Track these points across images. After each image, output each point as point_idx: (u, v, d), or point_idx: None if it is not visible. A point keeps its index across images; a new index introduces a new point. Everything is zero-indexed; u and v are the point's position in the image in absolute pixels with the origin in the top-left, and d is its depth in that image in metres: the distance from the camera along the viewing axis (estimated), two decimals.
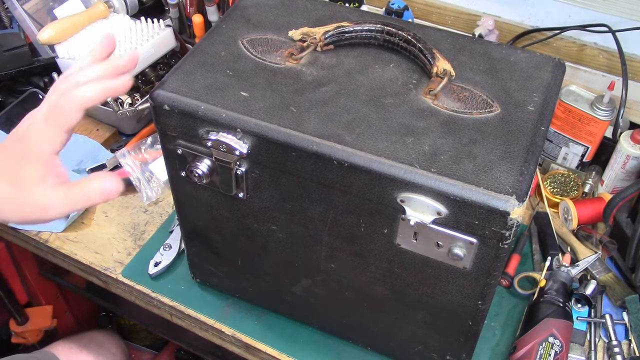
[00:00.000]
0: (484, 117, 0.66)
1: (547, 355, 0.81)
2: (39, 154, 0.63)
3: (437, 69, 0.68)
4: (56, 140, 0.63)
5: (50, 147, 0.63)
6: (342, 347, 0.87)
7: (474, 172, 0.59)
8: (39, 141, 0.63)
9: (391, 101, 0.67)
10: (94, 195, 0.63)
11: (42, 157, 0.63)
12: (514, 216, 0.57)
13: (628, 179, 1.01)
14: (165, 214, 1.05)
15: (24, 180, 0.62)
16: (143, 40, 1.16)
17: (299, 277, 0.80)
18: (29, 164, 0.62)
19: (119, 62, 0.65)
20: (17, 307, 1.30)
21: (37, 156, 0.63)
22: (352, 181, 0.63)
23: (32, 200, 0.63)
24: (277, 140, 0.63)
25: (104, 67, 0.64)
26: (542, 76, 0.71)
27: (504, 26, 1.18)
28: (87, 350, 1.20)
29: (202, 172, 0.70)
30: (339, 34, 0.72)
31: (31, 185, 0.62)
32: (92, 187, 0.63)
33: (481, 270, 0.65)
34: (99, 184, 0.63)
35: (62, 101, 0.62)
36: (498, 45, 0.75)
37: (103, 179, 0.63)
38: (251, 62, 0.71)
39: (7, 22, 1.21)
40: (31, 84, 1.21)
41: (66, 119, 0.62)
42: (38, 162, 0.63)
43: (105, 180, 0.63)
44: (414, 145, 0.62)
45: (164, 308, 0.95)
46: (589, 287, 0.91)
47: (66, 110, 0.62)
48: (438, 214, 0.61)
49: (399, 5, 1.16)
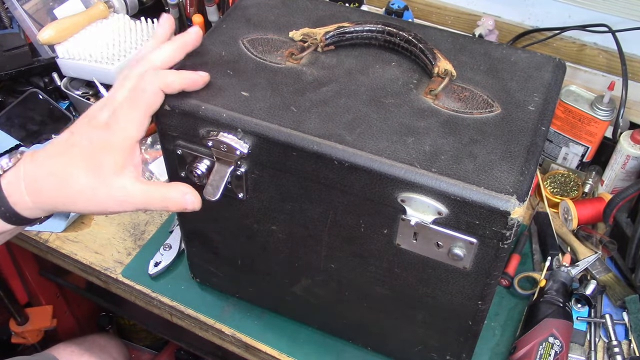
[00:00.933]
0: (485, 117, 0.66)
1: (547, 355, 0.81)
2: (125, 140, 0.61)
3: (438, 69, 0.68)
4: (142, 125, 0.62)
5: (137, 132, 0.62)
6: (342, 347, 0.87)
7: (475, 172, 0.59)
8: (126, 127, 0.61)
9: (392, 101, 0.67)
10: (172, 204, 0.63)
11: (127, 145, 0.61)
12: (515, 216, 0.57)
13: (628, 179, 1.01)
14: (165, 214, 1.05)
15: (104, 170, 0.61)
16: (143, 41, 1.16)
17: (299, 277, 0.80)
18: (112, 152, 0.61)
19: (186, 38, 0.65)
20: (17, 307, 1.30)
21: (122, 143, 0.61)
22: (353, 181, 0.63)
23: (112, 191, 0.61)
24: (277, 140, 0.63)
25: (174, 46, 0.64)
26: (543, 76, 0.71)
27: (504, 26, 1.18)
28: (88, 353, 1.20)
29: (202, 172, 0.70)
30: (339, 35, 0.72)
31: (112, 174, 0.61)
32: (174, 194, 0.63)
33: (481, 270, 0.65)
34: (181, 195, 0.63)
35: (143, 84, 0.61)
36: (498, 45, 0.75)
37: (188, 192, 0.64)
38: (252, 62, 0.71)
39: (7, 22, 1.21)
40: (31, 84, 1.21)
41: (150, 102, 0.62)
42: (122, 149, 0.61)
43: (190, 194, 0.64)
44: (414, 145, 0.62)
45: (164, 308, 0.95)
46: (589, 287, 0.91)
47: (149, 94, 0.61)
48: (438, 214, 0.61)
49: (399, 5, 1.16)
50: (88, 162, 0.61)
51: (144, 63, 0.63)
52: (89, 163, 0.61)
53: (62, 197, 0.62)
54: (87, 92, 1.20)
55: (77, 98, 1.17)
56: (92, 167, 0.61)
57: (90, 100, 1.17)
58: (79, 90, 1.20)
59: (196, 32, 0.66)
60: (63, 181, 0.62)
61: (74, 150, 0.62)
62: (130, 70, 0.63)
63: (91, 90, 1.20)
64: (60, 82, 1.19)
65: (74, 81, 1.20)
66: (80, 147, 0.61)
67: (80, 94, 1.19)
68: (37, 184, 0.63)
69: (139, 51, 0.67)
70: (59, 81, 1.19)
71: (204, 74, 0.65)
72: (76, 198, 0.62)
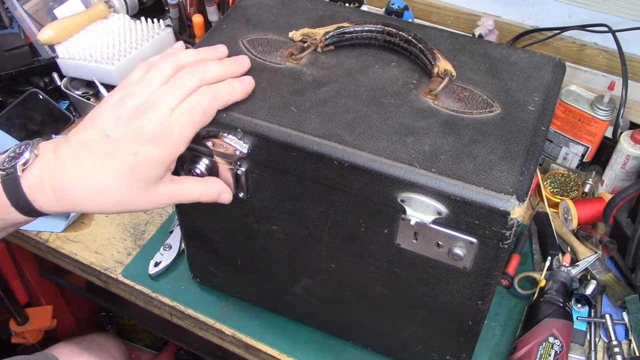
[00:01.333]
0: (485, 117, 0.66)
1: (547, 355, 0.81)
2: (173, 156, 0.60)
3: (438, 69, 0.68)
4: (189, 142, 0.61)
5: (185, 148, 0.61)
6: (342, 347, 0.87)
7: (475, 172, 0.59)
8: (178, 143, 0.60)
9: (391, 101, 0.67)
10: (207, 199, 0.66)
11: (174, 159, 0.61)
12: (515, 216, 0.57)
13: (628, 179, 1.01)
14: (165, 214, 1.05)
15: (147, 182, 0.60)
16: (143, 41, 1.17)
17: (299, 277, 0.80)
18: (158, 166, 0.60)
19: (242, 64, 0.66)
20: (17, 307, 1.30)
21: (170, 158, 0.60)
22: (353, 181, 0.63)
23: (150, 199, 0.61)
24: (277, 140, 0.63)
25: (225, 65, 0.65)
26: (543, 76, 0.71)
27: (504, 26, 1.18)
28: (88, 352, 1.20)
29: (201, 172, 0.70)
30: (339, 35, 0.72)
31: (154, 185, 0.61)
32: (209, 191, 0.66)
33: (481, 270, 0.65)
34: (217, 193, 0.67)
35: (203, 103, 0.60)
36: (498, 45, 0.75)
37: (224, 190, 0.67)
38: (251, 62, 0.71)
39: (7, 22, 1.21)
40: (31, 84, 1.21)
41: (204, 122, 0.62)
42: (167, 165, 0.61)
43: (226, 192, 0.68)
44: (414, 145, 0.62)
45: (164, 308, 0.95)
46: (589, 287, 0.91)
47: (207, 116, 0.61)
48: (438, 214, 0.61)
49: (399, 5, 1.16)
50: (130, 176, 0.59)
51: (197, 73, 0.61)
52: (131, 177, 0.59)
53: (94, 204, 0.61)
54: (87, 92, 1.20)
55: (77, 98, 1.17)
56: (134, 181, 0.59)
57: (90, 101, 1.17)
58: (79, 90, 1.20)
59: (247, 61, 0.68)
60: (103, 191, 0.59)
61: (115, 160, 0.58)
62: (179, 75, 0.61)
63: (91, 90, 1.20)
64: (60, 82, 1.19)
65: (74, 81, 1.20)
66: (123, 159, 0.58)
67: (80, 94, 1.19)
68: (65, 192, 0.60)
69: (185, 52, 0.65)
70: (59, 81, 1.19)
71: (250, 81, 0.65)
72: (115, 206, 0.61)
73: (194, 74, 0.61)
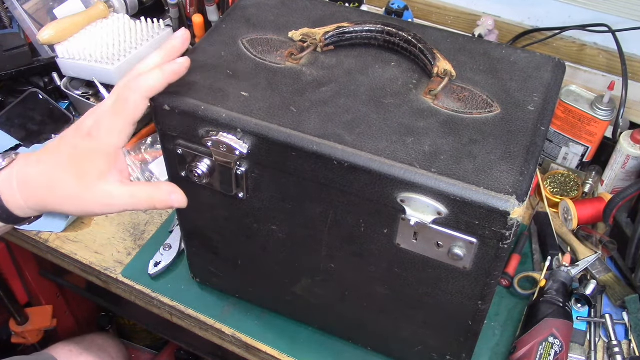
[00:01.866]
0: (484, 117, 0.66)
1: (547, 355, 0.81)
2: (107, 148, 0.64)
3: (438, 69, 0.68)
4: (123, 134, 0.64)
5: (119, 140, 0.64)
6: (342, 347, 0.87)
7: (474, 172, 0.59)
8: (108, 135, 0.63)
9: (391, 101, 0.67)
10: (159, 203, 0.66)
11: (109, 151, 0.64)
12: (514, 216, 0.57)
13: (628, 179, 1.01)
14: (165, 214, 1.05)
15: (89, 176, 0.64)
16: (143, 41, 1.16)
17: (299, 277, 0.80)
18: (95, 159, 0.64)
19: (174, 42, 0.66)
20: (17, 307, 1.30)
21: (104, 150, 0.64)
22: (352, 181, 0.63)
23: (97, 196, 0.64)
24: (277, 140, 0.63)
25: (161, 53, 0.65)
26: (542, 76, 0.71)
27: (504, 26, 1.18)
28: (87, 352, 1.20)
29: (202, 172, 0.70)
30: (339, 35, 0.72)
31: (96, 180, 0.64)
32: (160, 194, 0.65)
33: (481, 270, 0.65)
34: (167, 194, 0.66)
35: (127, 93, 0.63)
36: (498, 45, 0.75)
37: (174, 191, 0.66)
38: (251, 62, 0.71)
39: (7, 22, 1.21)
40: (31, 84, 1.21)
41: (132, 110, 0.63)
42: (105, 156, 0.64)
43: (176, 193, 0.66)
44: (414, 145, 0.62)
45: (164, 308, 0.95)
46: (589, 287, 0.91)
47: (131, 102, 0.63)
48: (438, 214, 0.61)
49: (399, 5, 1.16)
50: (73, 168, 0.64)
51: (132, 72, 0.65)
52: (75, 169, 0.64)
53: (52, 199, 0.65)
54: (87, 92, 1.20)
55: (77, 98, 1.17)
56: (77, 173, 0.64)
57: (90, 101, 1.17)
58: (79, 90, 1.20)
59: (182, 35, 0.66)
60: (52, 184, 0.65)
61: (61, 156, 0.65)
62: (121, 81, 0.65)
63: (91, 90, 1.20)
64: (60, 82, 1.19)
65: (74, 81, 1.20)
66: (66, 154, 0.64)
67: (80, 94, 1.19)
68: (28, 185, 0.66)
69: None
70: (59, 81, 1.19)
71: (183, 60, 0.65)
72: (64, 201, 0.65)
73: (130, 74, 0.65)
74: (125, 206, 0.65)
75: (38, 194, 0.66)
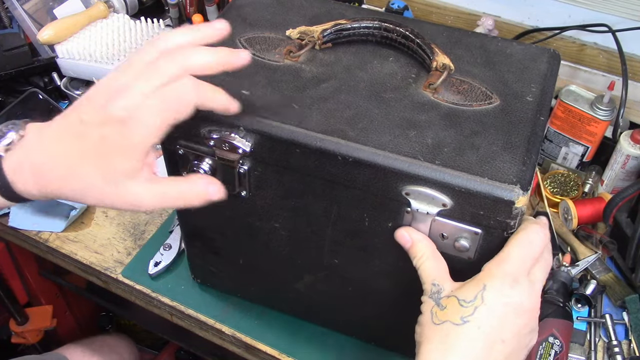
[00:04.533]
0: (484, 108, 0.66)
1: (547, 355, 0.81)
2: (144, 146, 0.56)
3: (437, 63, 0.68)
4: (163, 133, 0.56)
5: (157, 139, 0.56)
6: (342, 347, 0.87)
7: (478, 163, 0.59)
8: (147, 132, 0.55)
9: (392, 95, 0.67)
10: (195, 198, 0.59)
11: (144, 149, 0.56)
12: (519, 205, 0.57)
13: (628, 179, 1.02)
14: (165, 213, 1.05)
15: (118, 174, 0.56)
16: (143, 40, 1.17)
17: (302, 273, 0.80)
18: (127, 156, 0.55)
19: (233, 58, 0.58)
20: (17, 307, 1.30)
21: (140, 149, 0.55)
22: (356, 176, 0.63)
23: (124, 195, 0.57)
24: (280, 137, 0.63)
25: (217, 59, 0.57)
26: (539, 67, 0.71)
27: (504, 26, 1.18)
28: (98, 353, 1.19)
29: (204, 172, 0.70)
30: (336, 32, 0.72)
31: (125, 179, 0.56)
32: (194, 189, 0.59)
33: (485, 260, 0.64)
34: (203, 188, 0.59)
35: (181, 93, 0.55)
36: (494, 38, 0.76)
37: (209, 183, 0.60)
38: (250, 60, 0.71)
39: (7, 22, 1.21)
40: (31, 84, 1.21)
41: (180, 113, 0.56)
42: (139, 154, 0.56)
43: (211, 185, 0.60)
44: (417, 138, 0.62)
45: (164, 308, 0.95)
46: (589, 287, 0.91)
47: (183, 106, 0.56)
48: (443, 206, 0.61)
49: (399, 5, 1.16)
50: (100, 161, 0.56)
51: (179, 60, 0.56)
52: (101, 162, 0.56)
53: (69, 191, 0.58)
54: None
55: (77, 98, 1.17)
56: (103, 168, 0.56)
57: None
58: (79, 90, 1.20)
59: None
60: (72, 176, 0.57)
61: (84, 143, 0.56)
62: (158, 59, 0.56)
63: None
64: (60, 82, 1.19)
65: (74, 81, 1.20)
66: (91, 142, 0.55)
67: (80, 94, 1.19)
68: (44, 175, 0.58)
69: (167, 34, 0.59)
70: (59, 81, 1.19)
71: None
72: (85, 193, 0.57)
73: (175, 60, 0.56)
74: (154, 207, 0.59)
75: (55, 183, 0.57)
